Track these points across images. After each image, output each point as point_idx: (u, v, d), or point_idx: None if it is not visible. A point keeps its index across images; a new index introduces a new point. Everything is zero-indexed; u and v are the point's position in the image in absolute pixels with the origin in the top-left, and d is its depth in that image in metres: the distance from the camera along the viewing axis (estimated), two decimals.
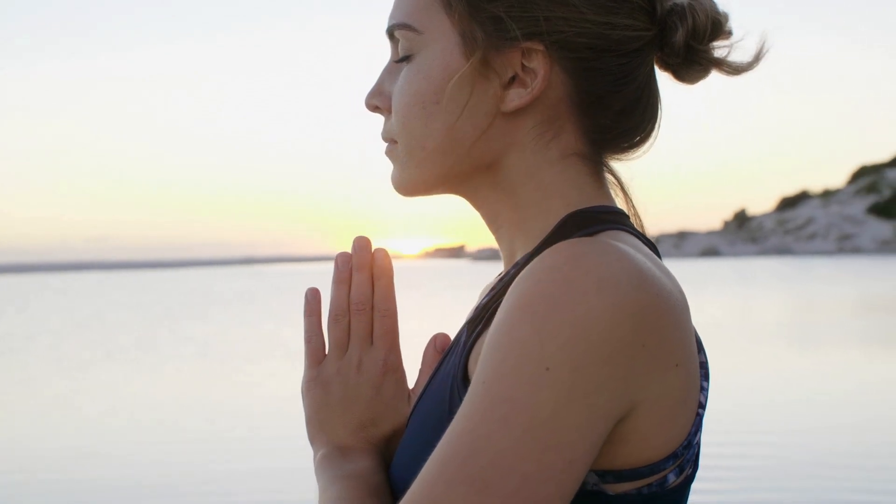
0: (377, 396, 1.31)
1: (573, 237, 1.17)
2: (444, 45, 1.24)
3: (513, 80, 1.23)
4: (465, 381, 1.17)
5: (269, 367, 20.07)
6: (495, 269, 1.34)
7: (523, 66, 1.23)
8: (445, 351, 1.27)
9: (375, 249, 1.32)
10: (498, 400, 1.04)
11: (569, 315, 1.04)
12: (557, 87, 1.23)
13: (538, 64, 1.22)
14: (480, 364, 1.08)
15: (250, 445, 11.77)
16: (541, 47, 1.21)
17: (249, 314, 40.25)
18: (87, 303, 55.77)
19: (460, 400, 1.14)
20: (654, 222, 1.33)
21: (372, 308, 1.32)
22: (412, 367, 1.35)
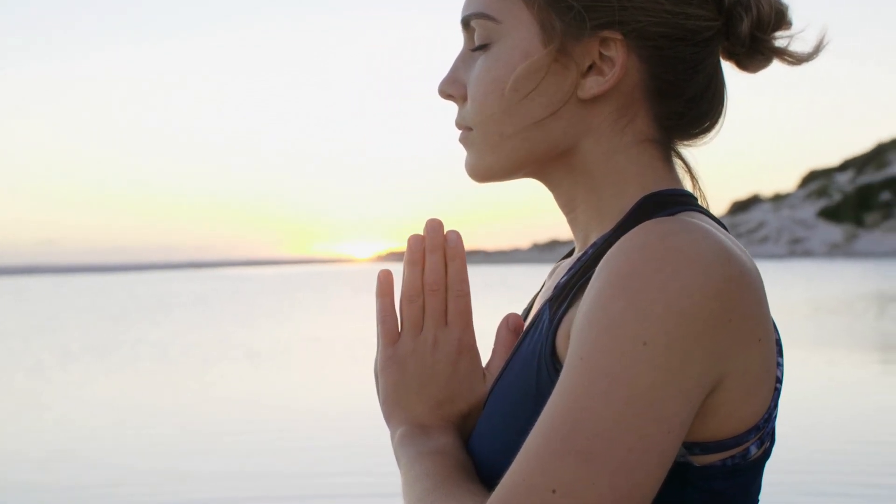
0: (453, 375, 1.33)
1: (652, 218, 1.21)
2: (523, 34, 1.28)
3: (590, 67, 1.27)
4: (553, 357, 1.20)
5: (230, 369, 20.00)
6: None
7: (601, 55, 1.27)
8: (525, 329, 1.30)
9: (447, 231, 1.34)
10: (597, 374, 1.08)
11: (662, 291, 1.08)
12: (633, 74, 1.28)
13: (616, 52, 1.26)
14: (576, 340, 1.12)
15: (216, 445, 11.74)
16: (619, 36, 1.25)
17: (206, 317, 40.08)
18: (40, 307, 55.29)
19: (548, 376, 1.19)
20: None
21: (445, 288, 1.34)
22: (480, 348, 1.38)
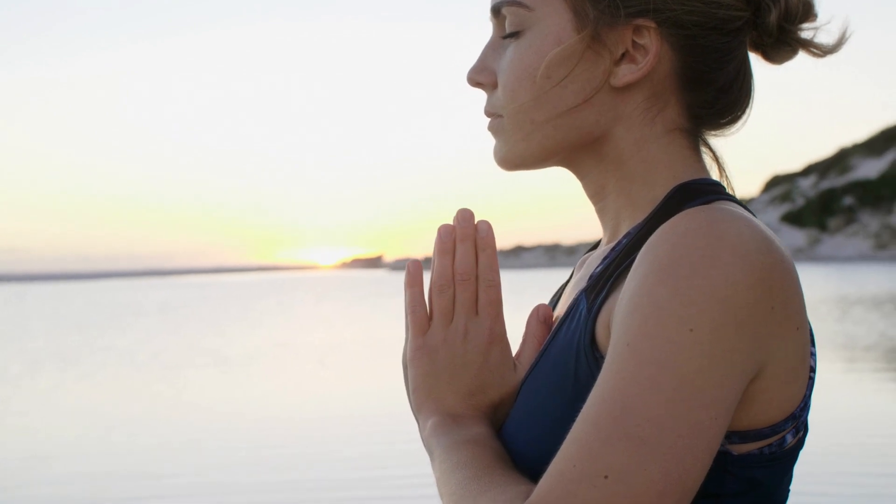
0: (485, 365, 1.31)
1: (686, 207, 1.22)
2: (555, 21, 1.28)
3: (622, 56, 1.28)
4: (593, 346, 1.20)
5: (200, 375, 19.95)
6: None
7: (634, 43, 1.28)
8: (560, 319, 1.30)
9: (478, 221, 1.33)
10: (644, 360, 1.08)
11: (707, 278, 1.09)
12: (665, 63, 1.28)
13: (649, 41, 1.27)
14: (620, 326, 1.12)
15: (188, 451, 11.70)
16: (652, 24, 1.26)
17: (175, 324, 39.92)
18: (5, 315, 54.87)
19: (587, 365, 1.19)
20: (573, 234, 1.38)
21: (476, 278, 1.33)
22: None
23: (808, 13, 1.32)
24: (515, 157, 1.34)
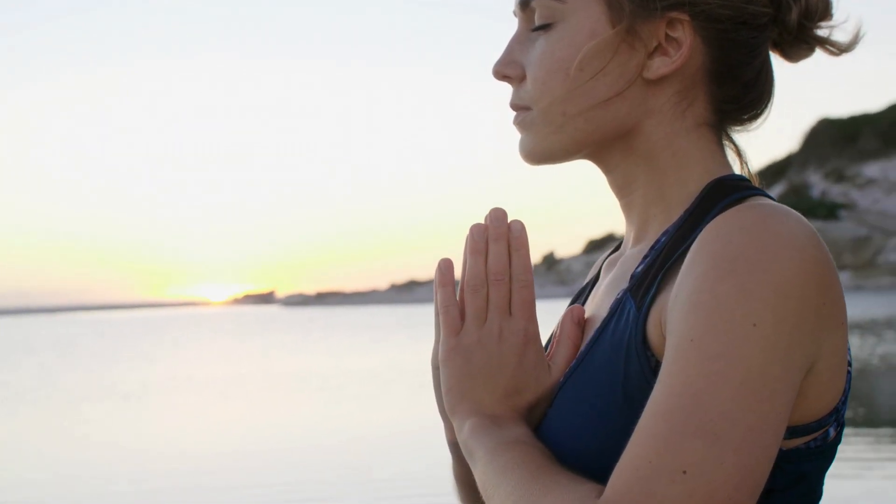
0: (520, 365, 1.29)
1: (723, 203, 1.23)
2: (588, 13, 1.29)
3: (655, 48, 1.29)
4: (645, 345, 1.20)
5: (98, 411, 19.66)
6: (308, 314, 1.36)
7: (667, 36, 1.28)
8: (603, 319, 1.28)
9: (511, 221, 1.32)
10: (710, 356, 1.08)
11: (766, 273, 1.10)
12: (696, 57, 1.29)
13: (683, 34, 1.28)
14: (681, 323, 1.12)
15: (87, 488, 11.54)
16: (686, 17, 1.27)
17: (70, 360, 39.28)
18: None
19: (638, 363, 1.19)
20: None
21: (510, 279, 1.31)
22: None
23: (827, 11, 1.34)
24: (544, 150, 1.34)
